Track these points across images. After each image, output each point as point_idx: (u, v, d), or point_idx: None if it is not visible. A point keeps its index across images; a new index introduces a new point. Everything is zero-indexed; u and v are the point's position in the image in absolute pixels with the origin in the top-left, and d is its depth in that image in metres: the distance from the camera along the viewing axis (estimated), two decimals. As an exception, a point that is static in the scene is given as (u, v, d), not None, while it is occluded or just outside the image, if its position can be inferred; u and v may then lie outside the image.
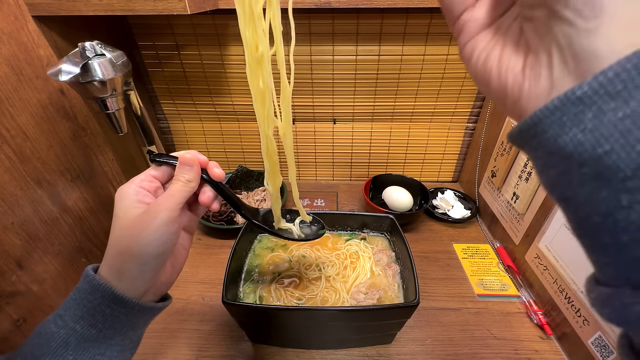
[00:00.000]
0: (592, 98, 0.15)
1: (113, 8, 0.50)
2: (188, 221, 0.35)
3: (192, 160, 0.31)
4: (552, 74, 0.16)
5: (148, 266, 0.29)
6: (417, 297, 0.43)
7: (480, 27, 0.21)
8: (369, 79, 0.76)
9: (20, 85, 0.48)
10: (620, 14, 0.14)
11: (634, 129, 0.14)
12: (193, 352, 0.50)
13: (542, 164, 0.18)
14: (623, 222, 0.15)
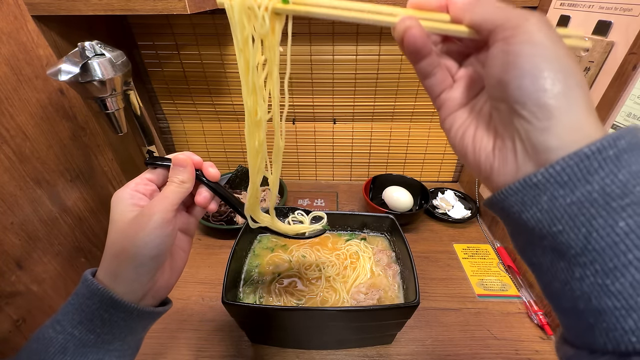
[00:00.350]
0: (546, 185, 0.18)
1: (113, 8, 0.50)
2: (186, 223, 0.35)
3: (185, 161, 0.31)
4: (517, 159, 0.20)
5: (144, 268, 0.28)
6: (417, 298, 0.42)
7: (457, 106, 0.25)
8: (369, 79, 0.75)
9: (19, 85, 0.48)
10: (566, 119, 0.18)
11: (579, 214, 0.17)
12: (193, 353, 0.50)
13: (511, 230, 0.22)
14: (578, 291, 0.17)
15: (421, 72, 0.25)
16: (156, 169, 0.32)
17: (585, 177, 0.17)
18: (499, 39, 0.20)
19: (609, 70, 0.45)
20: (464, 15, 0.22)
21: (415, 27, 0.22)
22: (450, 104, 0.25)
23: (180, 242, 0.35)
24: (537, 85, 0.18)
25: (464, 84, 0.25)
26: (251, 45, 0.26)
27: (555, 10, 0.55)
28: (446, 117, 0.25)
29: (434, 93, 0.26)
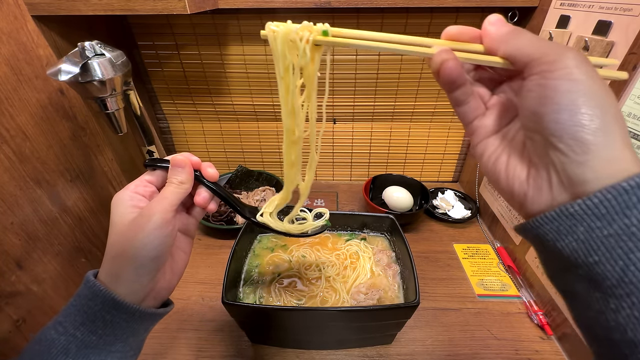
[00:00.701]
0: (583, 216, 0.18)
1: (113, 8, 0.50)
2: (186, 224, 0.35)
3: (184, 162, 0.31)
4: (552, 189, 0.20)
5: (144, 269, 0.28)
6: (417, 298, 0.42)
7: (489, 133, 0.25)
8: (369, 78, 0.75)
9: (19, 85, 0.48)
10: (603, 153, 0.18)
11: (617, 247, 0.17)
12: (193, 353, 0.50)
13: (544, 258, 0.22)
14: (613, 322, 0.18)
15: (455, 100, 0.25)
16: (155, 171, 0.33)
17: (623, 211, 0.17)
18: (535, 72, 0.20)
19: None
20: (498, 46, 0.23)
21: (451, 60, 0.23)
22: (482, 131, 0.26)
23: (180, 243, 0.35)
24: (575, 120, 0.18)
25: (496, 111, 0.25)
26: (291, 73, 0.29)
27: (555, 10, 0.55)
28: (478, 143, 0.26)
29: (466, 120, 0.26)
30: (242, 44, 0.72)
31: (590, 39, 0.47)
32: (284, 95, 0.30)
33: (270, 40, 0.28)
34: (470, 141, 0.27)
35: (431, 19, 0.67)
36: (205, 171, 0.33)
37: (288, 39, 0.27)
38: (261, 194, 0.78)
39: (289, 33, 0.27)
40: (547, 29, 0.55)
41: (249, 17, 0.68)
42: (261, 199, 0.77)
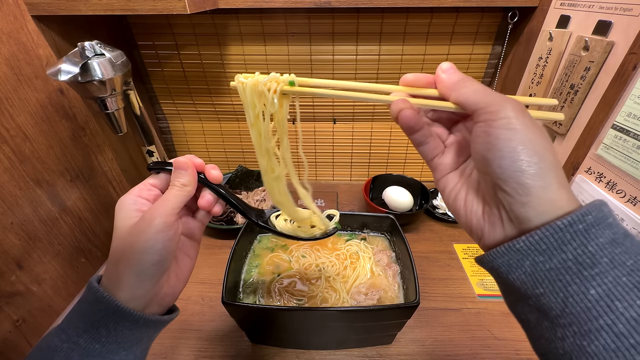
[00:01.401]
0: (527, 251, 0.21)
1: (112, 8, 0.50)
2: (191, 228, 0.34)
3: (186, 164, 0.31)
4: (504, 226, 0.23)
5: (146, 275, 0.28)
6: (417, 298, 0.42)
7: (448, 169, 0.28)
8: (369, 78, 0.75)
9: (19, 85, 0.48)
10: (542, 194, 0.20)
11: (557, 280, 0.19)
12: (193, 353, 0.50)
13: (502, 288, 0.24)
14: (561, 350, 0.19)
15: (415, 141, 0.28)
16: (159, 174, 0.32)
17: (560, 247, 0.19)
18: (481, 120, 0.22)
19: (609, 70, 0.45)
20: (450, 93, 0.25)
21: (407, 109, 0.25)
22: (442, 167, 0.28)
23: (185, 248, 0.34)
24: (516, 166, 0.21)
25: (454, 150, 0.28)
26: (262, 119, 0.30)
27: (555, 10, 0.55)
28: (439, 179, 0.28)
29: (427, 158, 0.29)
30: (242, 44, 0.72)
31: (590, 39, 0.47)
32: (256, 139, 0.31)
33: (239, 92, 0.30)
34: (434, 177, 0.29)
35: (431, 19, 0.67)
36: (209, 173, 0.33)
37: (257, 90, 0.29)
38: (261, 194, 0.78)
39: (257, 84, 0.29)
40: (547, 29, 0.55)
41: (248, 17, 0.68)
42: (261, 199, 0.77)
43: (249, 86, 0.29)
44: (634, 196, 0.42)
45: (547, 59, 0.55)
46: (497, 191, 0.22)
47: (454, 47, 0.70)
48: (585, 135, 0.49)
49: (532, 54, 0.60)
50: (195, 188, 0.31)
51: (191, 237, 0.35)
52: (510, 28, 0.64)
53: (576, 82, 0.50)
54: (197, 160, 0.32)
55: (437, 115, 0.29)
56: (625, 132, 0.42)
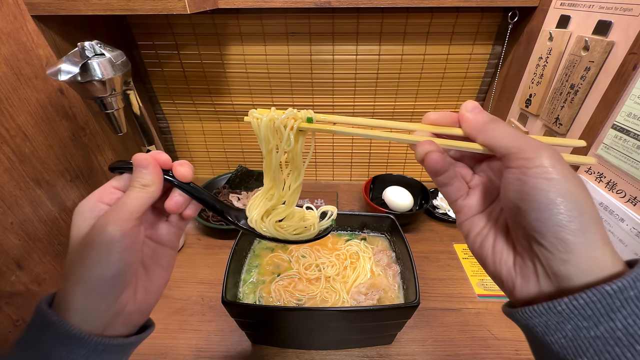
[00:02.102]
0: (570, 315, 0.19)
1: (112, 8, 0.50)
2: (163, 234, 0.30)
3: (146, 160, 0.26)
4: (539, 280, 0.21)
5: (100, 292, 0.24)
6: (417, 298, 0.42)
7: (474, 212, 0.26)
8: (369, 78, 0.75)
9: (19, 85, 0.48)
10: (584, 252, 0.19)
11: (604, 351, 0.18)
12: (193, 353, 0.50)
13: (534, 346, 0.22)
14: None
15: (439, 183, 0.26)
16: (123, 175, 0.28)
17: (608, 314, 0.18)
18: (513, 165, 0.21)
19: (609, 70, 0.45)
20: (477, 134, 0.24)
21: (434, 153, 0.24)
22: (467, 210, 0.26)
23: (157, 257, 0.30)
24: (555, 220, 0.19)
25: (479, 191, 0.26)
26: (274, 153, 0.30)
27: (556, 10, 0.55)
28: (463, 222, 0.27)
29: (450, 199, 0.27)
30: (242, 44, 0.72)
31: (590, 39, 0.47)
32: (267, 167, 0.31)
33: (254, 128, 0.29)
34: (457, 219, 0.27)
35: (431, 19, 0.67)
36: (176, 170, 0.28)
37: (272, 127, 0.28)
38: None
39: (272, 121, 0.28)
40: (548, 29, 0.55)
41: (248, 17, 0.68)
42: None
43: (264, 123, 0.28)
44: (634, 196, 0.42)
45: (547, 59, 0.55)
46: (531, 243, 0.21)
47: (454, 47, 0.70)
48: (586, 135, 0.49)
49: (532, 54, 0.60)
50: (161, 188, 0.27)
51: (164, 243, 0.30)
52: (510, 28, 0.64)
53: (576, 82, 0.50)
54: (162, 157, 0.28)
55: (460, 154, 0.28)
56: (625, 132, 0.42)
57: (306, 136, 0.29)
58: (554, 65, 0.54)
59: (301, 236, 0.34)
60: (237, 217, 0.33)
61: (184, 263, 0.66)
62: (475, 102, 0.25)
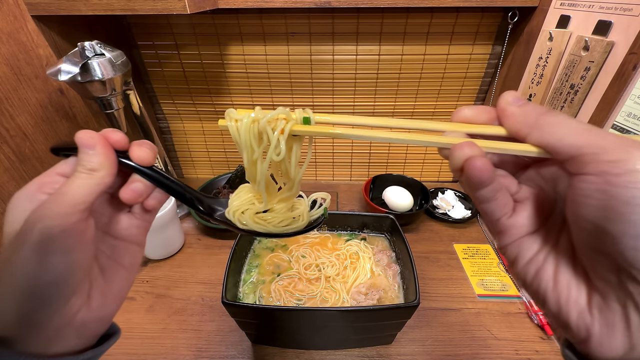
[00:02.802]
0: None
1: (112, 8, 0.50)
2: (124, 229, 0.25)
3: (92, 139, 0.21)
4: (631, 332, 0.15)
5: (37, 301, 0.19)
6: (417, 298, 0.42)
7: (523, 233, 0.20)
8: (369, 78, 0.75)
9: (19, 85, 0.48)
10: None
11: None
12: (193, 353, 0.50)
13: None
14: None
15: (480, 198, 0.20)
16: (71, 158, 0.23)
17: None
18: (591, 172, 0.15)
19: (609, 70, 0.45)
20: (528, 132, 0.18)
21: (478, 158, 0.18)
22: (514, 231, 0.20)
23: (119, 255, 0.25)
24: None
25: (529, 207, 0.20)
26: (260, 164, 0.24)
27: (556, 10, 0.55)
28: (508, 245, 0.20)
29: (492, 217, 0.21)
30: (242, 44, 0.72)
31: (590, 39, 0.47)
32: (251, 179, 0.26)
33: (231, 132, 0.24)
34: (497, 242, 0.22)
35: (431, 19, 0.67)
36: (134, 152, 0.23)
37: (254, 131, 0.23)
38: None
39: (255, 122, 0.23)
40: (547, 29, 0.55)
41: (248, 16, 0.68)
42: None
43: (244, 126, 0.23)
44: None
45: (547, 59, 0.55)
46: (623, 280, 0.15)
47: (454, 47, 0.70)
48: (585, 135, 0.49)
49: (532, 54, 0.60)
50: (113, 173, 0.22)
51: (126, 239, 0.26)
52: (510, 28, 0.64)
53: (576, 82, 0.50)
54: (115, 135, 0.23)
55: (499, 159, 0.22)
56: (625, 132, 0.42)
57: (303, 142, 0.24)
58: (554, 65, 0.54)
59: (288, 228, 0.29)
60: (212, 207, 0.28)
61: (184, 263, 0.66)
62: (515, 92, 0.20)
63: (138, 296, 0.59)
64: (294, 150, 0.24)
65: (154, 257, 0.65)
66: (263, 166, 0.24)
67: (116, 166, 0.22)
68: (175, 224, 0.65)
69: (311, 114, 0.22)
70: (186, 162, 0.93)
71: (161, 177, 0.25)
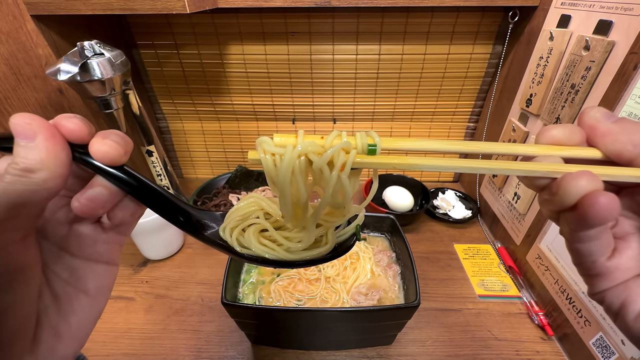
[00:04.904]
0: None
1: (112, 7, 0.49)
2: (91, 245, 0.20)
3: (31, 127, 0.15)
4: None
5: None
6: (417, 298, 0.42)
7: (630, 274, 0.17)
8: (369, 78, 0.75)
9: (18, 84, 0.48)
10: None
11: None
12: (192, 353, 0.50)
13: None
14: None
15: (581, 238, 0.17)
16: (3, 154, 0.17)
17: None
18: None
19: (610, 70, 0.44)
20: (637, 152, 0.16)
21: (602, 193, 0.15)
22: (618, 273, 0.17)
23: (81, 279, 0.19)
24: None
25: (635, 243, 0.17)
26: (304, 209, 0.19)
27: (556, 10, 0.54)
28: (609, 289, 0.17)
29: (587, 258, 0.17)
30: (242, 44, 0.71)
31: (591, 39, 0.47)
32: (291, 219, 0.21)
33: (267, 169, 0.18)
34: (590, 287, 0.18)
35: (431, 19, 0.67)
36: (93, 146, 0.17)
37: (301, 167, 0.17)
38: (261, 194, 0.78)
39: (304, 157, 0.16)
40: (548, 29, 0.55)
41: (248, 16, 0.68)
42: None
43: (286, 163, 0.17)
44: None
45: (548, 58, 0.55)
46: None
47: (454, 46, 0.70)
48: (586, 135, 0.49)
49: (532, 54, 0.60)
50: (64, 175, 0.16)
51: (90, 258, 0.20)
52: (510, 28, 0.64)
53: (577, 81, 0.49)
54: (70, 123, 0.17)
55: None
56: (626, 132, 0.42)
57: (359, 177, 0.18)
58: (554, 65, 0.54)
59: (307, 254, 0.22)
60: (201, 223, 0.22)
61: (184, 263, 0.66)
62: (601, 107, 0.17)
63: (137, 296, 0.58)
64: (352, 184, 0.18)
65: (153, 258, 0.65)
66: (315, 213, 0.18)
67: (68, 166, 0.16)
68: (175, 224, 0.65)
69: (378, 140, 0.17)
70: (185, 162, 0.93)
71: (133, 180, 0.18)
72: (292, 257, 0.22)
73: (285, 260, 0.22)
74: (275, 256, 0.21)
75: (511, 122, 0.65)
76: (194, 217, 0.22)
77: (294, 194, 0.19)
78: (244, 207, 0.23)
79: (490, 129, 0.74)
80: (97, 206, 0.18)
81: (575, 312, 0.48)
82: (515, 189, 0.63)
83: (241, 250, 0.22)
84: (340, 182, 0.17)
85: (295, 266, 0.22)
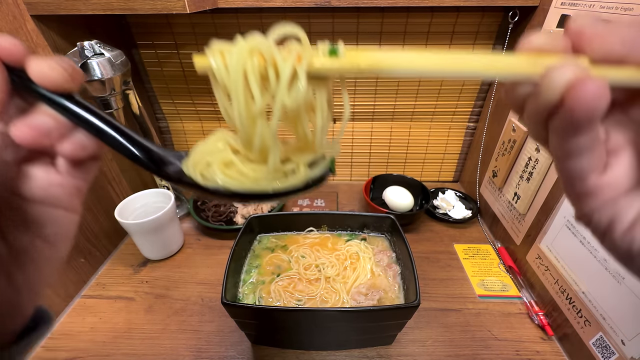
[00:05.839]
0: None
1: (112, 7, 0.49)
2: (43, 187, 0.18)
3: None
4: None
5: None
6: (417, 298, 0.42)
7: (620, 189, 0.16)
8: (369, 78, 0.75)
9: (18, 84, 0.48)
10: None
11: None
12: (192, 354, 0.50)
13: None
14: None
15: (570, 150, 0.15)
16: None
17: None
18: None
19: (610, 70, 0.44)
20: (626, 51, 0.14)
21: (590, 79, 0.13)
22: (608, 189, 0.16)
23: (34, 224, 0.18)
24: None
25: (627, 157, 0.16)
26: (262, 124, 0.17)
27: (556, 10, 0.54)
28: (600, 207, 0.16)
29: (579, 176, 0.16)
30: (242, 44, 0.71)
31: (591, 39, 0.47)
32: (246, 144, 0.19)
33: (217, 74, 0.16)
34: (578, 209, 0.17)
35: (431, 19, 0.67)
36: (31, 67, 0.15)
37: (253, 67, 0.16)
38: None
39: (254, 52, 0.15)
40: (548, 29, 0.55)
41: (248, 16, 0.68)
42: (261, 199, 0.77)
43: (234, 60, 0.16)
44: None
45: (548, 58, 0.55)
46: None
47: (454, 46, 0.70)
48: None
49: (532, 54, 0.60)
50: (4, 101, 0.15)
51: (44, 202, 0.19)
52: (510, 28, 0.64)
53: (577, 81, 0.49)
54: (5, 41, 0.15)
55: None
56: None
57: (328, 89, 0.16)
58: (554, 65, 0.54)
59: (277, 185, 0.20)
60: (163, 160, 0.21)
61: (183, 263, 0.66)
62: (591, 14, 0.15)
63: (137, 296, 0.58)
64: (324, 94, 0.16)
65: (153, 258, 0.65)
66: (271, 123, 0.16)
67: (5, 92, 0.14)
68: (175, 224, 0.65)
69: (340, 45, 0.15)
70: (186, 162, 0.93)
71: (83, 110, 0.16)
72: (261, 188, 0.20)
73: (253, 192, 0.20)
74: (242, 187, 0.19)
75: (511, 122, 0.65)
76: (156, 155, 0.20)
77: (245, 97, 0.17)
78: (210, 141, 0.22)
79: (490, 129, 0.74)
80: (40, 135, 0.16)
81: (575, 312, 0.48)
82: (516, 189, 0.63)
83: (205, 183, 0.19)
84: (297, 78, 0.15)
85: (265, 199, 0.20)
